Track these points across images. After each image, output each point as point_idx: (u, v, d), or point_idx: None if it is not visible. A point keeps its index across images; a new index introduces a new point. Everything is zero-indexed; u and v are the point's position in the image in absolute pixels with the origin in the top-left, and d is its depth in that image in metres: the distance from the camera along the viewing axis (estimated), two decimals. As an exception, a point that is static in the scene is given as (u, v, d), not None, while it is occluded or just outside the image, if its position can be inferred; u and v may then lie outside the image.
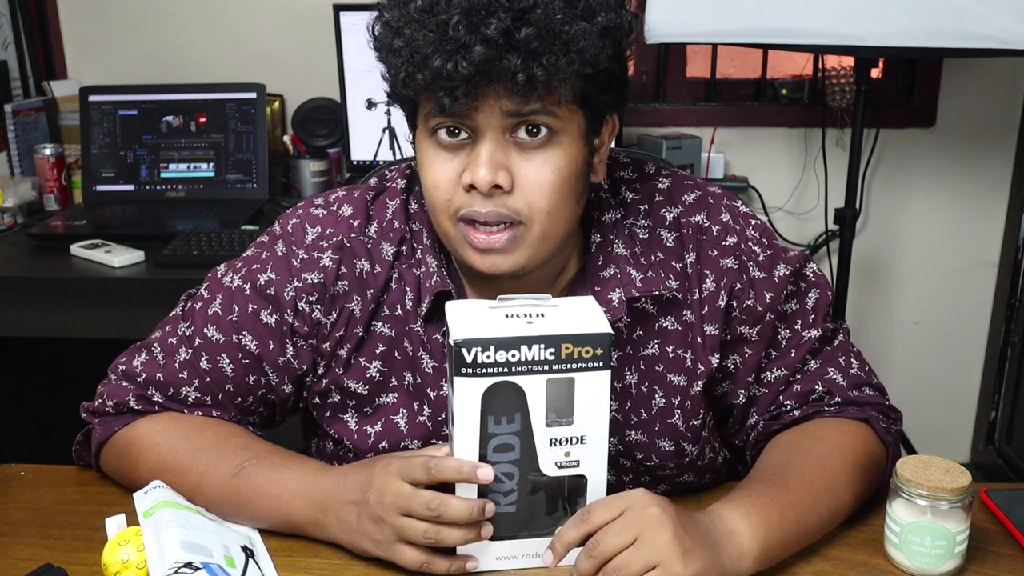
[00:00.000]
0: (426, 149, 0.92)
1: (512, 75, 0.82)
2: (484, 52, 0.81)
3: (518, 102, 0.85)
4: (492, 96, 0.85)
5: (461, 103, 0.84)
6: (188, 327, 1.03)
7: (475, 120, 0.87)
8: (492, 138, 0.87)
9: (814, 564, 0.91)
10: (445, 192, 0.90)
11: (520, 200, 0.89)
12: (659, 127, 2.56)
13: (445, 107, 0.85)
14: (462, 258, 0.94)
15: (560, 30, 0.82)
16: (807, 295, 1.04)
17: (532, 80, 0.83)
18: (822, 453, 0.97)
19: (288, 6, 2.51)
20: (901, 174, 2.61)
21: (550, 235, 0.92)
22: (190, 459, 0.98)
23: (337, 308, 1.00)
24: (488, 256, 0.91)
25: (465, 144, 0.89)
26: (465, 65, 0.81)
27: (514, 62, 0.82)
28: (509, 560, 0.89)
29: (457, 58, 0.82)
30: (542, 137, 0.88)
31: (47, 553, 0.93)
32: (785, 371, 1.03)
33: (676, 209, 1.02)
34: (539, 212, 0.89)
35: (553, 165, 0.89)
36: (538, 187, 0.89)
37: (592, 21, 0.84)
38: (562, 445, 0.85)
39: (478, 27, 0.81)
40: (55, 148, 2.30)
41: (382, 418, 1.02)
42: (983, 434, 2.75)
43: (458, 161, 0.89)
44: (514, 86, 0.83)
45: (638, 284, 0.99)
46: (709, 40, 2.11)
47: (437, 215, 0.93)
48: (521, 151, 0.88)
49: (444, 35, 0.82)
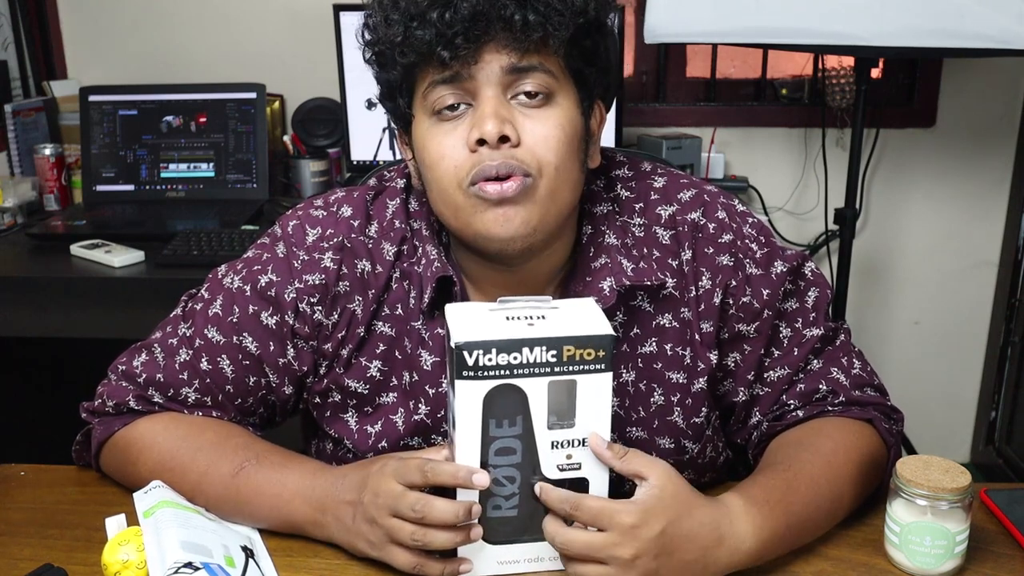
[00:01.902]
0: (427, 129, 0.93)
1: (508, 19, 0.85)
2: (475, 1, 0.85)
3: (517, 54, 0.88)
4: (491, 49, 0.88)
5: (462, 53, 0.87)
6: (188, 328, 1.03)
7: (475, 79, 0.89)
8: (493, 95, 0.89)
9: (814, 564, 0.91)
10: (452, 159, 0.91)
11: (527, 153, 0.90)
12: (659, 127, 2.56)
13: (445, 61, 0.87)
14: (474, 227, 0.92)
15: None
16: (806, 294, 1.05)
17: (527, 23, 0.86)
18: (828, 451, 0.97)
19: (288, 6, 2.51)
20: (901, 174, 2.61)
21: (558, 193, 0.92)
22: (190, 459, 0.98)
23: (339, 309, 1.00)
24: (501, 208, 0.90)
25: (466, 114, 0.91)
26: (463, 4, 0.85)
27: (510, 7, 0.86)
28: (510, 564, 0.88)
29: (451, 8, 0.85)
30: (540, 98, 0.91)
31: (47, 553, 0.93)
32: (788, 370, 1.03)
33: (672, 207, 1.03)
34: (547, 166, 0.90)
35: (555, 121, 0.91)
36: (543, 140, 0.90)
37: None
38: (564, 448, 0.84)
39: None
40: (55, 148, 2.30)
41: (382, 417, 1.02)
42: (983, 434, 2.75)
43: (462, 128, 0.91)
44: (511, 36, 0.86)
45: (629, 273, 0.99)
46: (709, 40, 2.11)
47: (445, 187, 0.92)
48: (523, 111, 0.91)
49: None
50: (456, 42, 0.86)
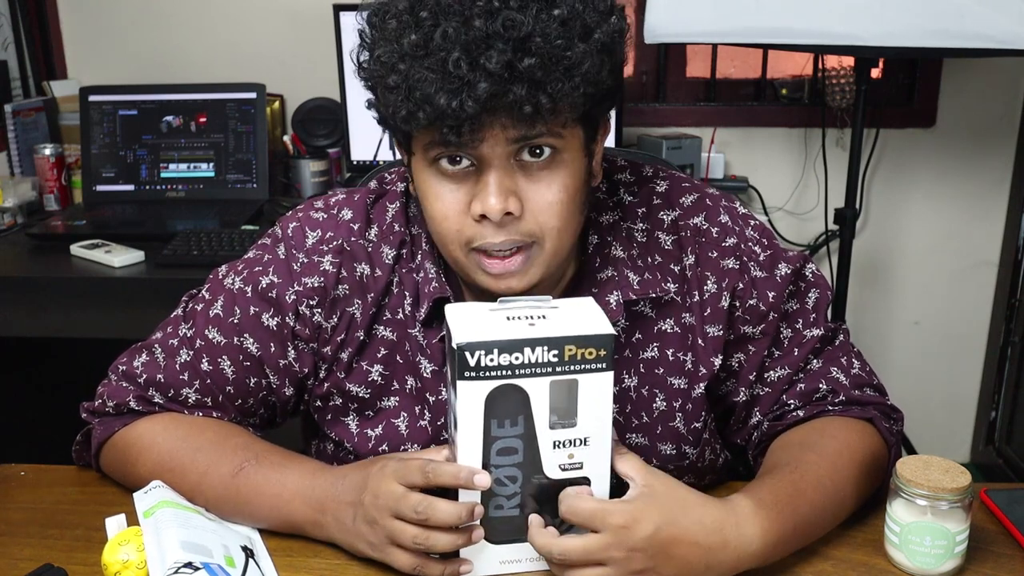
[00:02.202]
0: (427, 179, 0.90)
1: (518, 106, 0.81)
2: (489, 88, 0.80)
3: (524, 129, 0.84)
4: (497, 127, 0.84)
5: (466, 138, 0.83)
6: (189, 328, 1.03)
7: (480, 150, 0.86)
8: (500, 165, 0.86)
9: (814, 564, 0.91)
10: (455, 223, 0.89)
11: (531, 223, 0.89)
12: (659, 127, 2.56)
13: (450, 143, 0.84)
14: (473, 282, 0.94)
15: (562, 56, 0.81)
16: (807, 295, 1.05)
17: (539, 110, 0.82)
18: (833, 452, 0.96)
19: (288, 6, 2.51)
20: (901, 174, 2.61)
21: (561, 250, 0.92)
22: (190, 459, 0.98)
23: (338, 312, 1.00)
24: (503, 279, 0.91)
25: (469, 172, 0.88)
26: (471, 103, 0.80)
27: (519, 93, 0.80)
28: (512, 564, 0.88)
29: (462, 96, 0.80)
30: (546, 158, 0.88)
31: (47, 553, 0.93)
32: (788, 370, 1.03)
33: (674, 212, 1.02)
34: (550, 231, 0.89)
35: (560, 184, 0.88)
36: (547, 207, 0.88)
37: (590, 40, 0.83)
38: (565, 447, 0.84)
39: (480, 62, 0.79)
40: (55, 148, 2.30)
41: (383, 421, 1.02)
42: (983, 434, 2.75)
43: (464, 191, 0.88)
44: (519, 115, 0.82)
45: (635, 287, 0.99)
46: (709, 40, 2.11)
47: (447, 245, 0.92)
48: (526, 173, 0.88)
49: (445, 73, 0.80)
50: (462, 130, 0.82)
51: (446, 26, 0.80)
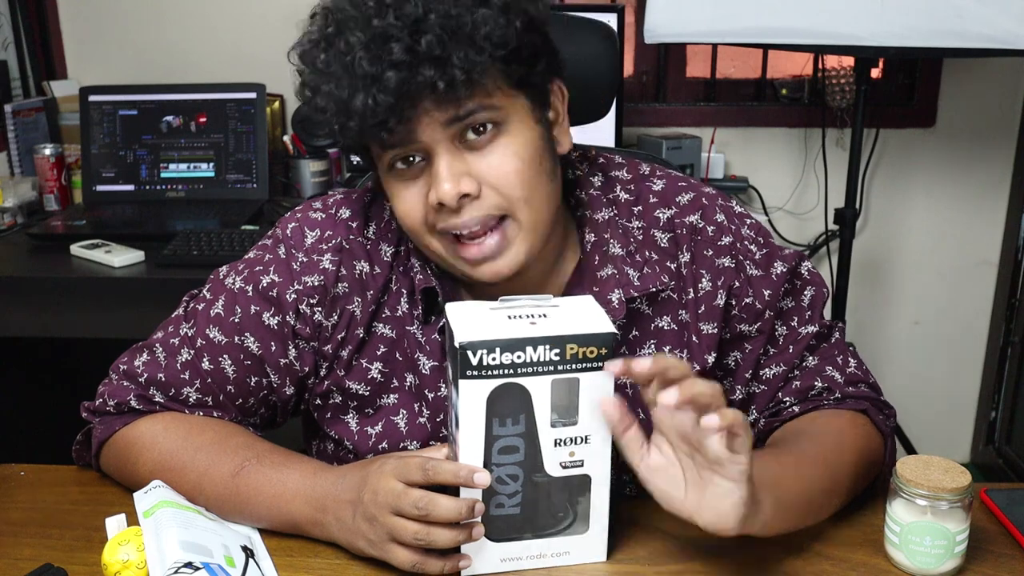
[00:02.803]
0: (390, 184, 0.93)
1: (432, 86, 0.82)
2: (396, 76, 0.81)
3: (452, 108, 0.85)
4: (424, 114, 0.85)
5: (398, 132, 0.85)
6: (190, 328, 1.03)
7: (421, 142, 0.87)
8: (444, 150, 0.88)
9: (814, 564, 0.91)
10: (417, 216, 0.91)
11: (492, 197, 0.89)
12: (659, 127, 2.56)
13: (385, 141, 0.86)
14: (458, 272, 0.94)
15: (459, 24, 0.82)
16: (803, 292, 1.05)
17: (452, 83, 0.83)
18: (821, 431, 0.98)
19: (288, 6, 2.48)
20: (901, 174, 2.61)
21: (537, 221, 0.92)
22: (190, 459, 0.98)
23: (338, 310, 1.00)
24: (485, 265, 0.91)
25: (422, 168, 0.90)
26: (383, 97, 0.82)
27: (427, 73, 0.82)
28: (513, 561, 0.89)
29: (373, 91, 0.82)
30: (489, 132, 0.89)
31: (47, 553, 0.93)
32: (784, 367, 1.04)
33: (670, 210, 1.03)
34: (516, 201, 0.90)
35: (511, 152, 0.89)
36: (503, 177, 0.89)
37: (489, 3, 0.84)
38: (566, 445, 0.84)
39: (381, 55, 0.82)
40: (55, 148, 2.30)
41: (383, 419, 1.02)
42: (983, 434, 2.75)
43: (421, 183, 0.90)
44: (439, 96, 0.83)
45: (636, 283, 0.99)
46: (709, 40, 2.12)
47: (417, 236, 0.94)
48: (475, 152, 0.89)
49: (353, 75, 0.83)
50: (389, 124, 0.84)
51: (347, 35, 0.83)
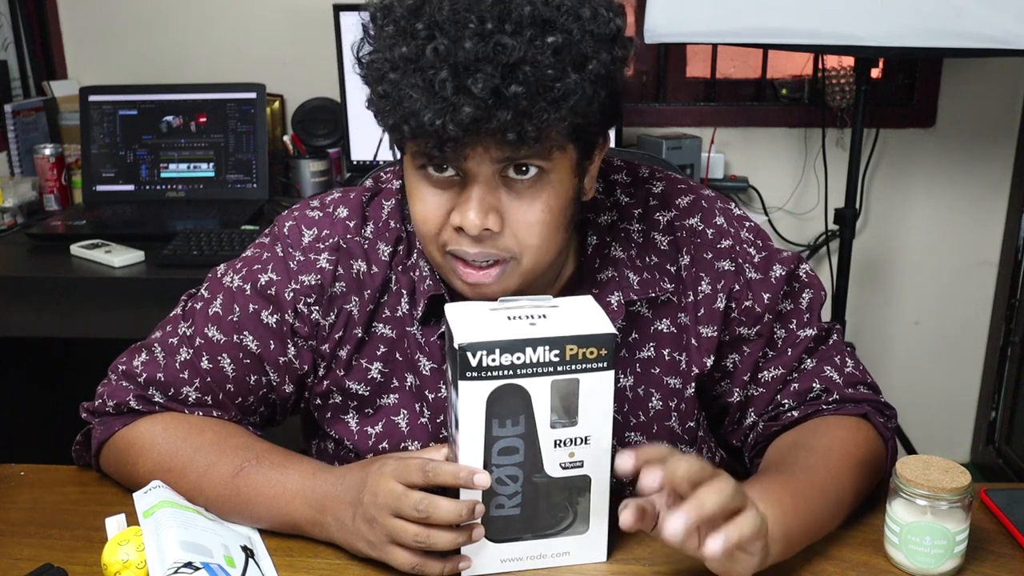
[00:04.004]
0: (413, 180, 0.90)
1: (502, 132, 0.80)
2: (472, 112, 0.78)
3: (509, 152, 0.83)
4: (481, 147, 0.83)
5: (449, 155, 0.83)
6: (189, 327, 1.03)
7: (465, 165, 0.85)
8: (483, 182, 0.85)
9: (814, 564, 0.91)
10: (433, 226, 0.89)
11: (510, 239, 0.88)
12: (659, 127, 2.56)
13: (434, 157, 0.84)
14: (452, 283, 0.94)
15: (550, 86, 0.79)
16: (801, 295, 1.05)
17: (523, 136, 0.80)
18: (824, 446, 0.97)
19: (288, 6, 2.51)
20: (901, 174, 2.61)
21: (539, 265, 0.91)
22: (190, 459, 0.98)
23: (335, 309, 1.00)
24: (476, 289, 0.90)
25: (454, 181, 0.87)
26: (452, 127, 0.79)
27: (503, 119, 0.79)
28: (513, 562, 0.88)
29: (445, 118, 0.79)
30: (531, 178, 0.86)
31: (47, 553, 0.93)
32: (782, 370, 1.04)
33: (670, 213, 1.03)
34: (528, 248, 0.89)
35: (543, 203, 0.87)
36: (527, 226, 0.87)
37: (584, 71, 0.81)
38: (566, 446, 0.84)
39: (466, 85, 0.78)
40: (55, 148, 2.30)
41: (383, 419, 1.02)
42: (983, 434, 2.75)
43: (447, 198, 0.88)
44: (503, 140, 0.81)
45: (636, 287, 0.99)
46: (709, 40, 2.11)
47: (426, 244, 0.92)
48: (510, 190, 0.87)
49: (431, 91, 0.79)
50: (445, 148, 0.81)
51: (437, 43, 0.79)
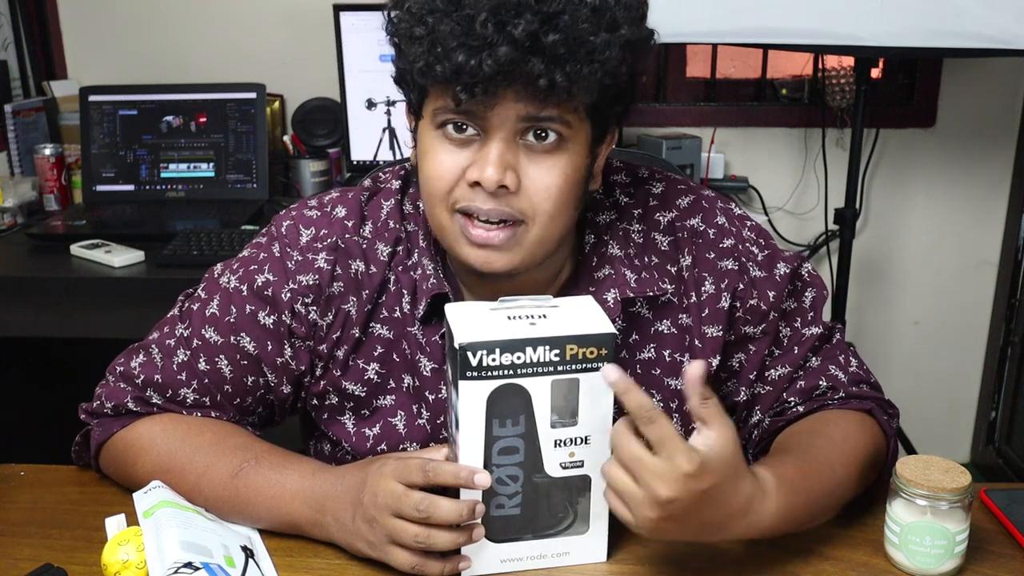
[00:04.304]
0: (430, 139, 0.91)
1: (535, 79, 0.82)
2: (509, 52, 0.80)
3: (536, 106, 0.85)
4: (510, 98, 0.84)
5: (478, 100, 0.84)
6: (186, 328, 1.03)
7: (488, 120, 0.86)
8: (502, 138, 0.87)
9: (814, 564, 0.91)
10: (447, 183, 0.90)
11: (524, 201, 0.89)
12: (659, 127, 2.56)
13: (461, 102, 0.84)
14: (456, 252, 0.93)
15: (586, 39, 0.82)
16: (804, 294, 1.05)
17: (553, 85, 0.82)
18: (830, 434, 0.98)
19: (288, 6, 2.51)
20: (901, 174, 2.61)
21: (547, 238, 0.92)
22: (189, 460, 0.98)
23: (333, 310, 1.00)
24: (484, 251, 0.90)
25: (473, 140, 0.89)
26: (490, 63, 0.81)
27: (537, 66, 0.81)
28: (513, 562, 0.88)
29: (482, 55, 0.81)
30: (551, 142, 0.88)
31: (47, 553, 0.93)
32: (789, 368, 1.04)
33: (670, 213, 1.03)
34: (542, 214, 0.89)
35: (560, 170, 0.89)
36: (544, 190, 0.89)
37: (616, 32, 0.84)
38: (567, 446, 0.84)
39: (505, 26, 0.80)
40: (55, 148, 2.30)
41: (380, 420, 1.02)
42: (983, 434, 2.75)
43: (464, 155, 0.89)
44: (534, 90, 0.83)
45: (632, 285, 0.99)
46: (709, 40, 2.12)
47: (434, 205, 0.92)
48: (529, 154, 0.88)
49: (470, 30, 0.81)
50: (475, 90, 0.82)
51: None
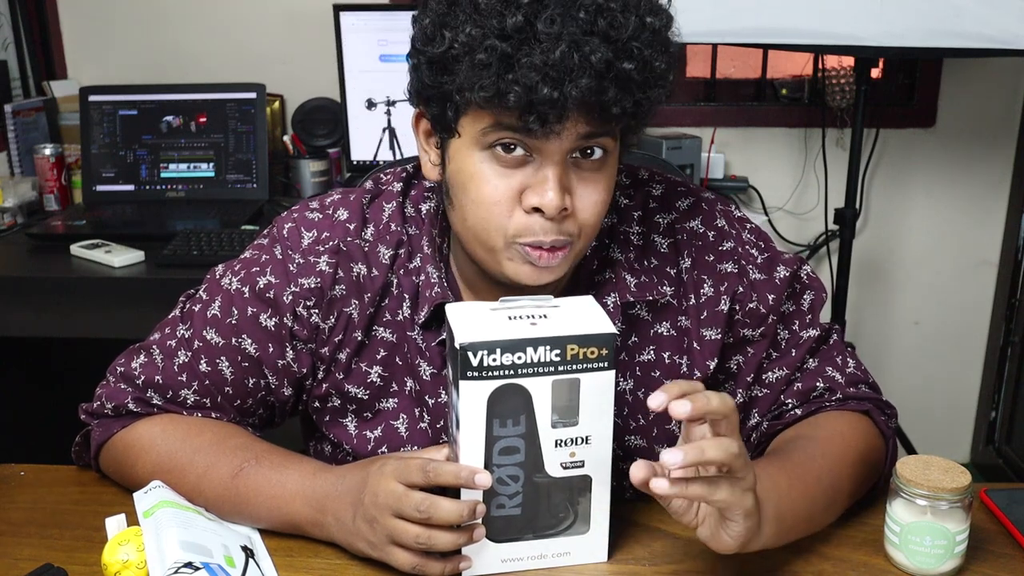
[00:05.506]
0: (476, 163, 0.88)
1: (608, 106, 0.82)
2: (589, 83, 0.80)
3: (594, 127, 0.85)
4: (571, 122, 0.84)
5: (550, 127, 0.83)
6: (187, 329, 1.03)
7: (547, 142, 0.85)
8: (559, 161, 0.86)
9: (814, 564, 0.91)
10: (505, 209, 0.88)
11: (575, 221, 0.89)
12: (659, 127, 2.56)
13: (533, 131, 0.83)
14: (501, 269, 0.92)
15: (653, 64, 0.83)
16: (802, 296, 1.05)
17: (624, 112, 0.83)
18: (825, 438, 0.97)
19: (288, 6, 2.51)
20: (901, 174, 2.61)
21: (584, 250, 0.94)
22: (189, 460, 0.98)
23: (335, 313, 1.00)
24: (538, 272, 0.90)
25: (523, 161, 0.87)
26: (575, 93, 0.80)
27: (612, 93, 0.81)
28: (514, 562, 0.88)
29: (564, 87, 0.79)
30: (598, 158, 0.88)
31: (47, 553, 0.93)
32: (786, 370, 1.04)
33: (670, 215, 1.03)
34: (587, 228, 0.91)
35: (604, 184, 0.90)
36: (592, 206, 0.89)
37: (670, 53, 0.86)
38: (567, 446, 0.84)
39: (586, 56, 0.80)
40: (55, 148, 2.30)
41: (382, 423, 1.02)
42: (983, 434, 2.75)
43: (516, 178, 0.87)
44: (598, 113, 0.83)
45: (633, 289, 0.99)
46: (709, 40, 2.11)
47: (487, 231, 0.89)
48: (579, 172, 0.88)
49: (550, 61, 0.79)
50: (548, 118, 0.81)
51: (551, 13, 0.80)
